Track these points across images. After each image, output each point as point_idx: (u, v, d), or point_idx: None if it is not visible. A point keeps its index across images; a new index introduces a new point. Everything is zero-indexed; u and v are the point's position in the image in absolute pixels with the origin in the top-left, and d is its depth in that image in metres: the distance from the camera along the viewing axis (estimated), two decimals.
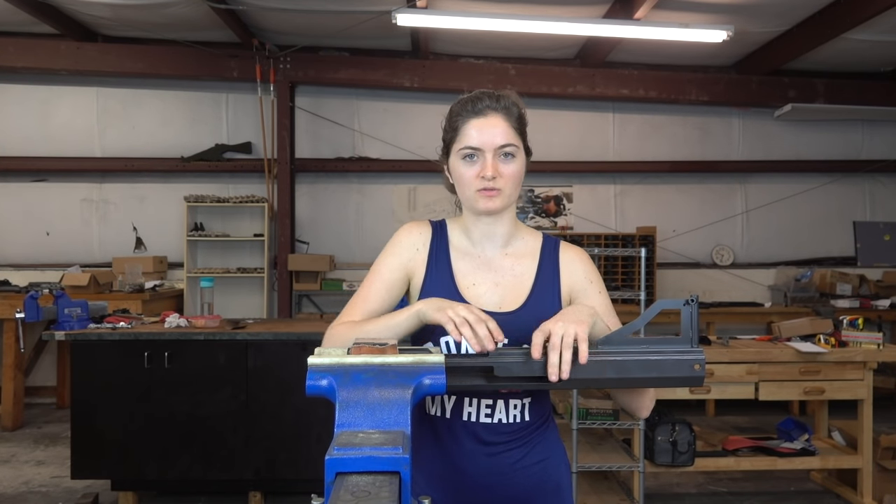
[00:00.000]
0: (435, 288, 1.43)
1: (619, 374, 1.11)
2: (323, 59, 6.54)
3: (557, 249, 1.50)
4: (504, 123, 1.39)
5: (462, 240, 1.49)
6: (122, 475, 3.81)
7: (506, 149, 1.39)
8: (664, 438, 3.62)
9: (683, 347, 1.13)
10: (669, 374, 1.13)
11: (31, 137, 6.67)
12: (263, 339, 3.79)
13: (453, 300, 1.36)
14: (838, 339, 3.81)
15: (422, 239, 1.47)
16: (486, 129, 1.38)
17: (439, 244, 1.47)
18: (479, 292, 1.43)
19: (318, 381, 0.88)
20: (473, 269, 1.46)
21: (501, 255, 1.48)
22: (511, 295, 1.44)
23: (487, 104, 1.40)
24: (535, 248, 1.50)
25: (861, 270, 6.92)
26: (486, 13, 5.30)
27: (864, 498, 3.79)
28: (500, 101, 1.41)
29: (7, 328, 5.47)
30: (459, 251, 1.48)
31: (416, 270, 1.46)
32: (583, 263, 1.50)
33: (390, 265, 1.46)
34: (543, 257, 1.49)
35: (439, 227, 1.51)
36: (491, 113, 1.39)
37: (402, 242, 1.48)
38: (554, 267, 1.47)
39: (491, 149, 1.38)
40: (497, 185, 1.38)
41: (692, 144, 7.06)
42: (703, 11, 5.41)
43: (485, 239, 1.48)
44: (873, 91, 6.81)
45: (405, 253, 1.46)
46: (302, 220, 6.84)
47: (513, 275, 1.46)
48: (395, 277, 1.45)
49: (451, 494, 1.40)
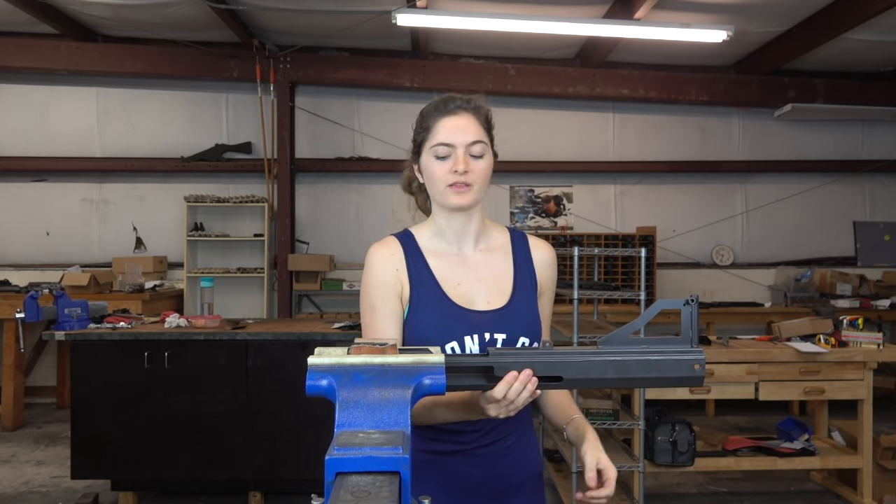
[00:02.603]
0: (424, 300, 1.43)
1: (619, 374, 1.11)
2: (323, 59, 6.54)
3: (527, 244, 1.55)
4: (475, 122, 1.45)
5: (435, 242, 1.51)
6: (122, 475, 3.81)
7: (476, 146, 1.43)
8: (664, 438, 3.62)
9: (683, 347, 1.13)
10: (669, 374, 1.13)
11: (31, 137, 6.67)
12: (263, 339, 3.79)
13: (444, 306, 1.41)
14: (838, 339, 3.81)
15: (396, 258, 1.47)
16: (457, 126, 1.43)
17: (413, 255, 1.48)
18: (465, 290, 1.46)
19: (318, 381, 0.88)
20: (453, 268, 1.48)
21: (476, 252, 1.51)
22: (495, 291, 1.47)
23: (458, 104, 1.45)
24: (506, 242, 1.54)
25: (861, 270, 6.92)
26: (486, 13, 5.30)
27: (864, 498, 3.79)
28: (469, 101, 1.47)
29: (7, 328, 5.47)
30: (434, 254, 1.49)
31: (402, 288, 1.45)
32: (553, 266, 1.56)
33: (383, 296, 1.44)
34: (516, 252, 1.53)
35: (406, 238, 1.52)
36: (462, 112, 1.45)
37: (380, 268, 1.46)
38: (528, 262, 1.52)
39: (462, 145, 1.42)
40: (468, 180, 1.42)
41: (692, 144, 7.06)
42: (702, 11, 5.41)
43: (459, 237, 1.50)
44: (873, 91, 6.81)
45: (388, 278, 1.45)
46: (302, 220, 6.84)
47: (490, 270, 1.49)
48: (395, 305, 1.44)
49: (439, 489, 1.42)
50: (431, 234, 1.52)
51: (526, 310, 1.46)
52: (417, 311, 1.43)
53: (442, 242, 1.51)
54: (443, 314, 1.42)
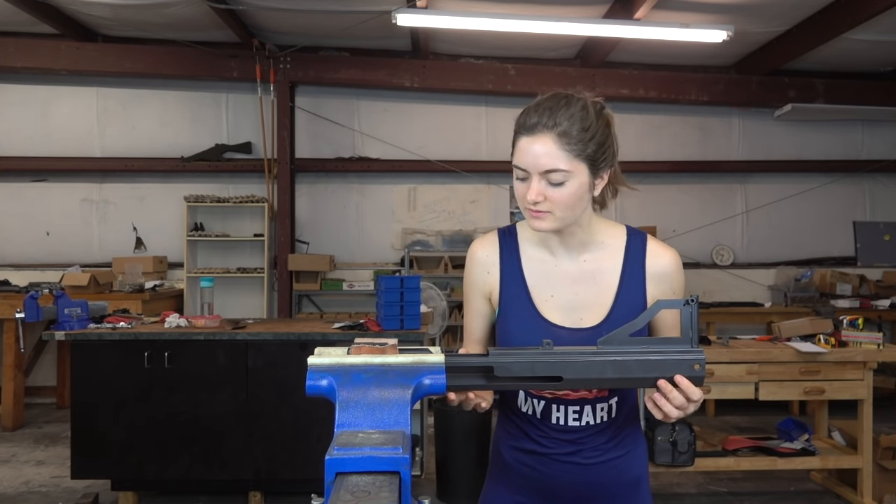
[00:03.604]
0: (511, 307, 1.41)
1: (620, 374, 1.11)
2: (323, 59, 6.54)
3: (644, 249, 1.40)
4: (554, 145, 1.26)
5: (537, 249, 1.43)
6: (122, 475, 3.82)
7: (552, 175, 1.27)
8: (664, 438, 3.62)
9: (684, 347, 1.13)
10: (670, 373, 1.13)
11: (31, 137, 6.67)
12: (263, 339, 3.79)
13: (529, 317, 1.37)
14: (838, 339, 3.81)
15: (490, 260, 1.44)
16: (532, 150, 1.28)
17: (510, 256, 1.43)
18: (558, 304, 1.38)
19: (318, 381, 0.88)
20: (550, 280, 1.39)
21: (580, 263, 1.40)
22: (592, 308, 1.37)
23: (537, 121, 1.28)
24: (619, 249, 1.40)
25: (861, 270, 6.92)
26: (486, 13, 5.30)
27: (864, 498, 3.79)
28: (556, 116, 1.27)
29: (7, 328, 5.47)
30: (533, 261, 1.42)
31: (492, 290, 1.44)
32: (674, 277, 1.39)
33: (474, 296, 1.47)
34: (628, 260, 1.39)
35: (508, 237, 1.45)
36: (541, 132, 1.27)
37: (473, 270, 1.46)
38: (640, 272, 1.38)
39: (536, 172, 1.28)
40: (542, 209, 1.30)
41: (692, 144, 7.06)
42: (703, 11, 5.41)
43: (561, 248, 1.40)
44: (873, 91, 6.81)
45: (478, 280, 1.45)
46: (302, 220, 6.84)
47: (594, 283, 1.38)
48: (482, 305, 1.46)
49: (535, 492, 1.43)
50: (536, 238, 1.43)
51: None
52: (504, 317, 1.42)
53: (542, 249, 1.42)
54: (526, 326, 1.38)
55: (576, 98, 1.31)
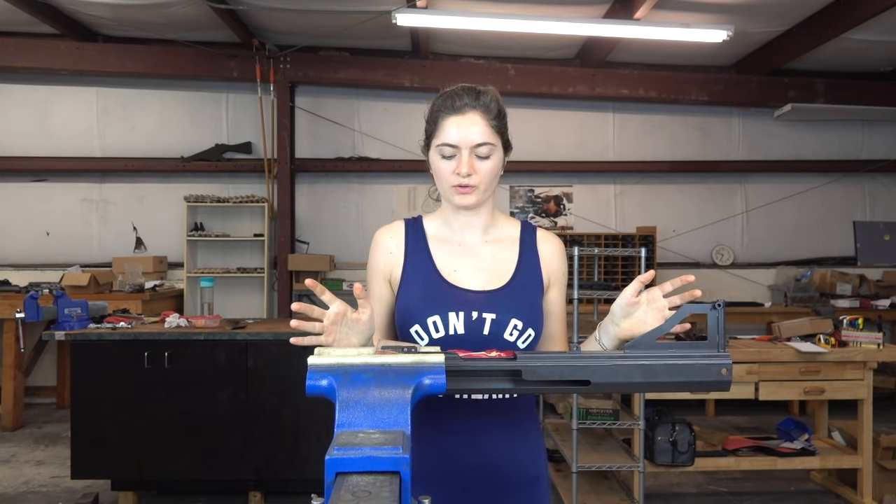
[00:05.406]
0: (412, 276, 1.46)
1: (647, 378, 1.12)
2: (323, 59, 6.54)
3: (535, 236, 1.53)
4: (482, 121, 1.41)
5: (441, 230, 1.52)
6: (122, 475, 3.81)
7: (481, 148, 1.41)
8: (664, 438, 3.62)
9: (710, 352, 1.14)
10: (697, 378, 1.13)
11: (31, 137, 6.67)
12: (263, 339, 3.79)
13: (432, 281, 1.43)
14: (838, 338, 3.81)
15: (394, 241, 1.51)
16: (463, 126, 1.41)
17: (415, 238, 1.51)
18: (462, 276, 1.46)
19: (318, 381, 0.88)
20: (454, 255, 1.49)
21: (481, 242, 1.51)
22: (494, 277, 1.47)
23: (466, 102, 1.42)
24: (515, 235, 1.53)
25: (861, 270, 6.92)
26: (486, 13, 5.30)
27: (864, 498, 3.79)
28: (479, 98, 1.43)
29: (7, 328, 5.47)
30: (438, 240, 1.51)
31: (392, 270, 1.49)
32: (561, 257, 1.55)
33: (374, 279, 1.52)
34: (524, 243, 1.52)
35: (413, 223, 1.54)
36: (469, 111, 1.41)
37: (376, 252, 1.52)
38: (534, 253, 1.51)
39: (467, 147, 1.40)
40: (472, 182, 1.41)
41: (692, 144, 7.06)
42: (703, 11, 5.41)
43: (465, 228, 1.51)
44: (873, 91, 6.81)
45: (380, 262, 1.51)
46: (302, 220, 6.84)
47: (494, 259, 1.49)
48: (382, 288, 1.51)
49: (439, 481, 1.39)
50: (439, 222, 1.53)
51: (523, 294, 1.45)
52: (404, 286, 1.46)
53: (448, 231, 1.52)
54: (428, 288, 1.44)
55: (484, 88, 1.46)
